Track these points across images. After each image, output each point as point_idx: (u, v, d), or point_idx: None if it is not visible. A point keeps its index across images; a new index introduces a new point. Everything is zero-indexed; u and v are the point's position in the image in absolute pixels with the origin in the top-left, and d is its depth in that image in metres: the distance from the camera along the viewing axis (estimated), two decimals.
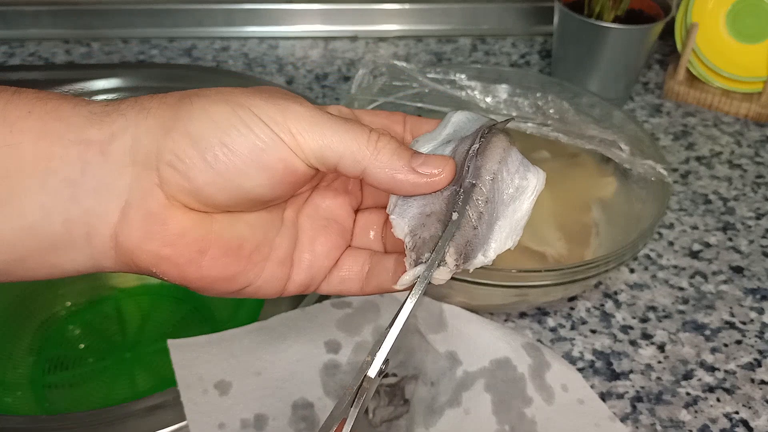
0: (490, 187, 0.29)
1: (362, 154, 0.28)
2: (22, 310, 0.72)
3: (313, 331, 0.54)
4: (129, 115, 0.27)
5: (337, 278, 0.33)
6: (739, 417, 0.52)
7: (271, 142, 0.27)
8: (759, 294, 0.62)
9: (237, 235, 0.30)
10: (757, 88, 0.83)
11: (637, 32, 0.77)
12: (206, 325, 0.72)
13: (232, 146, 0.27)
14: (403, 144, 0.29)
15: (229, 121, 0.27)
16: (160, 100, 0.28)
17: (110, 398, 0.67)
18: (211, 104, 0.27)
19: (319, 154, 0.28)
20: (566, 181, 0.64)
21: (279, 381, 0.51)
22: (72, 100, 0.27)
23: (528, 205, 0.30)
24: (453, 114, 0.33)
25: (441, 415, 0.49)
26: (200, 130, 0.27)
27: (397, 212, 0.30)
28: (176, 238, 0.28)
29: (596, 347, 0.56)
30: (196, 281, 0.29)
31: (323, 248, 0.33)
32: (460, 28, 0.97)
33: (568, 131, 0.63)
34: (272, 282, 0.31)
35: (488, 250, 0.29)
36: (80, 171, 0.26)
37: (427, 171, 0.29)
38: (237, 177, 0.27)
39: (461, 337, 0.53)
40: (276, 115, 0.27)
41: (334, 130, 0.28)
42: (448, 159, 0.29)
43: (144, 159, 0.27)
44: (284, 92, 0.29)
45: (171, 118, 0.27)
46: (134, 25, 0.92)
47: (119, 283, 0.77)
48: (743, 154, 0.78)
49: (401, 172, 0.28)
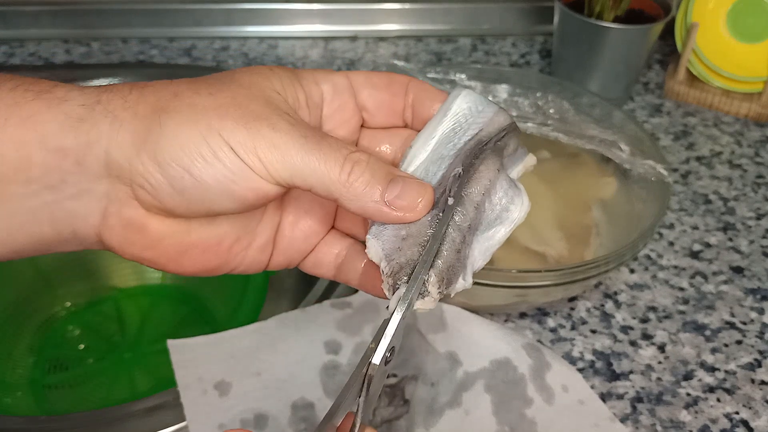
0: (474, 214, 0.28)
1: (334, 186, 0.27)
2: (22, 311, 0.72)
3: (312, 331, 0.54)
4: (102, 127, 0.26)
5: (311, 261, 0.33)
6: (740, 417, 0.52)
7: (239, 171, 0.26)
8: (759, 294, 0.61)
9: (216, 233, 0.30)
10: (757, 88, 0.83)
11: (638, 32, 0.77)
12: (206, 325, 0.72)
13: (199, 177, 0.26)
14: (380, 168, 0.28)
15: (197, 150, 0.26)
16: (133, 110, 0.27)
17: (110, 399, 0.67)
18: (179, 126, 0.26)
19: (289, 182, 0.27)
20: (566, 181, 0.64)
21: (279, 381, 0.51)
22: (47, 98, 0.27)
23: (503, 235, 0.29)
24: (455, 98, 0.31)
25: (441, 416, 0.49)
26: (168, 157, 0.26)
27: (373, 232, 0.28)
28: (155, 243, 0.28)
29: (596, 347, 0.56)
30: (178, 273, 0.30)
31: (302, 233, 0.32)
32: (461, 28, 0.97)
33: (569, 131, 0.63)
34: (253, 265, 0.32)
35: (467, 273, 0.28)
36: (59, 179, 0.27)
37: (401, 204, 0.28)
38: (206, 203, 0.27)
39: (461, 338, 0.53)
40: (246, 141, 0.26)
41: (306, 159, 0.27)
42: (427, 188, 0.28)
43: (118, 173, 0.27)
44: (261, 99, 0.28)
45: (142, 135, 0.26)
46: (134, 25, 0.92)
47: (119, 284, 0.77)
48: (743, 154, 0.78)
49: (374, 205, 0.27)
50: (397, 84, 0.32)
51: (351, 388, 0.26)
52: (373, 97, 0.31)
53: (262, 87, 0.28)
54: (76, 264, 0.76)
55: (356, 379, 0.26)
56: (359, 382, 0.26)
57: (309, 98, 0.30)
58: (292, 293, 0.74)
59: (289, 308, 0.56)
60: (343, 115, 0.31)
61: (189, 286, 0.76)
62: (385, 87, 0.31)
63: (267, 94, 0.28)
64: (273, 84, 0.29)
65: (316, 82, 0.30)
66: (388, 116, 0.32)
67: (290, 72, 0.30)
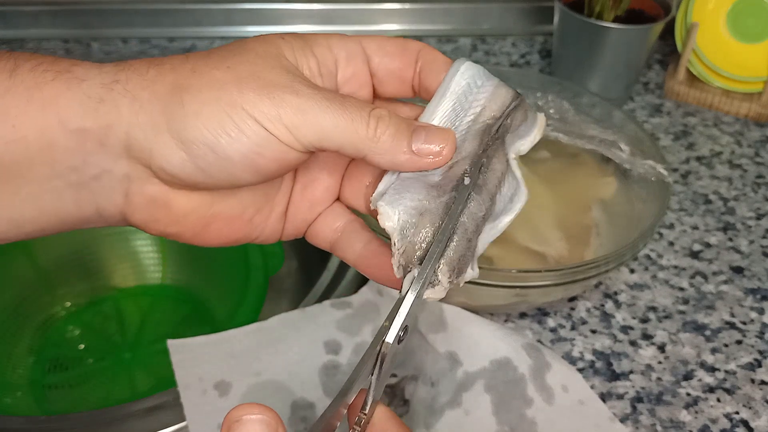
0: (489, 205, 0.29)
1: (362, 142, 0.28)
2: (22, 311, 0.72)
3: (312, 331, 0.54)
4: (122, 109, 0.26)
5: (312, 230, 0.33)
6: (740, 417, 0.52)
7: (266, 143, 0.27)
8: (759, 294, 0.61)
9: (239, 203, 0.30)
10: (757, 88, 0.83)
11: (638, 32, 0.77)
12: (206, 325, 0.72)
13: (224, 153, 0.26)
14: (402, 120, 0.29)
15: (222, 127, 0.26)
16: (151, 89, 0.27)
17: (110, 399, 0.67)
18: (202, 106, 0.26)
19: (317, 144, 0.27)
20: (566, 181, 0.64)
21: (279, 381, 0.51)
22: (66, 78, 0.27)
23: (505, 225, 0.30)
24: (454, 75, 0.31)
25: (441, 416, 0.49)
26: (192, 136, 0.26)
27: (387, 200, 0.28)
28: (180, 219, 0.29)
29: (596, 347, 0.56)
30: (202, 245, 0.31)
31: (308, 201, 0.33)
32: (461, 28, 0.97)
33: (569, 131, 0.63)
34: (272, 235, 0.33)
35: (474, 263, 0.28)
36: (81, 160, 0.27)
37: (427, 151, 0.28)
38: (231, 178, 0.27)
39: (461, 338, 0.52)
40: (270, 110, 0.26)
41: (333, 120, 0.27)
42: (449, 134, 0.29)
43: (139, 155, 0.27)
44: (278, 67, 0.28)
45: (163, 116, 0.26)
46: (134, 25, 0.92)
47: (119, 284, 0.77)
48: (743, 154, 0.78)
49: (402, 155, 0.28)
50: (409, 52, 0.31)
51: (364, 365, 0.26)
52: (384, 65, 0.31)
53: (276, 55, 0.28)
54: (76, 264, 0.76)
55: (370, 357, 0.26)
56: (372, 359, 0.26)
57: (322, 65, 0.30)
58: (292, 293, 0.74)
59: (289, 308, 0.56)
60: (358, 82, 0.31)
61: (189, 286, 0.76)
62: (397, 55, 0.31)
63: (282, 63, 0.28)
64: (285, 53, 0.29)
65: (330, 48, 0.30)
66: (398, 85, 0.32)
67: (302, 39, 0.30)
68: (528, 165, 0.64)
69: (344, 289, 0.59)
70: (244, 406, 0.22)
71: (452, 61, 0.31)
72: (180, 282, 0.77)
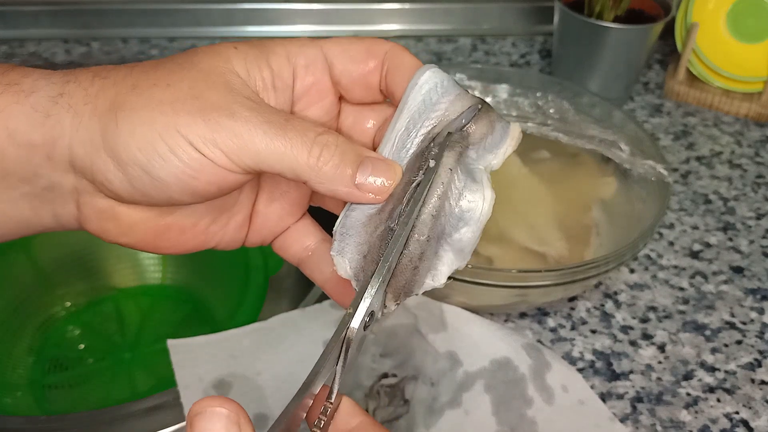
0: (432, 224, 0.27)
1: (303, 170, 0.26)
2: (22, 311, 0.72)
3: (312, 331, 0.54)
4: (65, 123, 0.26)
5: (279, 242, 0.33)
6: (740, 417, 0.52)
7: (200, 167, 0.26)
8: (759, 294, 0.61)
9: (191, 215, 0.30)
10: (757, 87, 0.83)
11: (638, 32, 0.77)
12: (206, 325, 0.72)
13: (157, 175, 0.26)
14: (350, 149, 0.27)
15: (154, 149, 0.25)
16: (92, 105, 0.26)
17: (110, 398, 0.67)
18: (135, 127, 0.26)
19: (256, 168, 0.26)
20: (566, 181, 0.64)
21: (279, 381, 0.51)
22: (15, 92, 0.26)
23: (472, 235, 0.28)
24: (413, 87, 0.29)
25: (441, 416, 0.49)
26: (125, 157, 0.26)
27: (337, 249, 0.28)
28: (130, 229, 0.29)
29: (596, 347, 0.56)
30: (159, 253, 0.31)
31: (275, 214, 0.32)
32: (460, 28, 0.97)
33: (568, 131, 0.63)
34: (232, 243, 0.32)
35: (437, 275, 0.28)
36: (31, 172, 0.27)
37: (372, 187, 0.27)
38: (169, 200, 0.27)
39: (461, 338, 0.53)
40: (205, 134, 0.25)
41: (271, 146, 0.26)
42: (396, 169, 0.28)
43: (82, 170, 0.27)
44: (221, 85, 0.27)
45: (100, 133, 0.26)
46: (134, 25, 0.92)
47: (119, 284, 0.77)
48: (743, 154, 0.78)
49: (343, 188, 0.27)
50: (374, 55, 0.30)
51: (329, 355, 0.25)
52: (348, 72, 0.30)
53: (222, 71, 0.27)
54: (76, 264, 0.76)
55: (335, 345, 0.26)
56: (337, 348, 0.26)
57: (277, 77, 0.29)
58: (292, 293, 0.74)
59: (289, 308, 0.56)
60: (318, 91, 0.30)
61: (189, 286, 0.76)
62: (361, 60, 0.30)
63: (227, 79, 0.27)
64: (234, 66, 0.28)
65: (287, 57, 0.29)
66: (364, 92, 0.30)
67: (257, 48, 0.28)
68: (528, 165, 0.64)
69: None
70: (206, 398, 0.21)
71: (421, 65, 0.30)
72: (180, 282, 0.77)
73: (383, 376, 0.51)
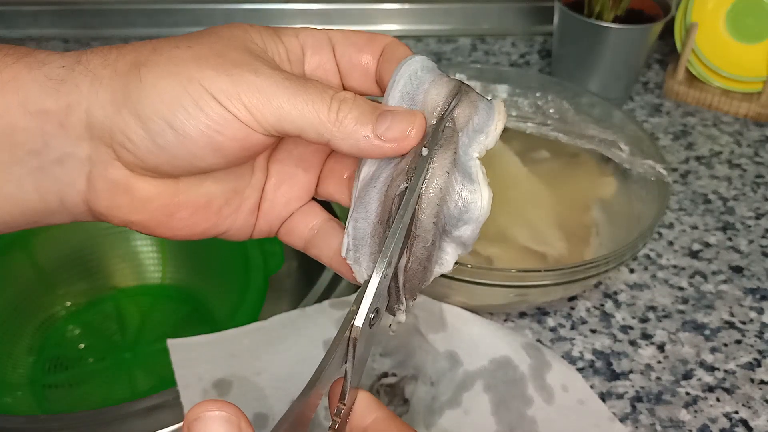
0: (434, 230, 0.28)
1: (324, 126, 0.26)
2: (22, 310, 0.72)
3: (312, 331, 0.54)
4: (82, 87, 0.26)
5: (285, 228, 0.33)
6: (739, 417, 0.52)
7: (224, 121, 0.26)
8: (759, 294, 0.62)
9: (205, 193, 0.29)
10: (756, 87, 0.83)
11: (637, 32, 0.77)
12: (206, 325, 0.72)
13: (181, 130, 0.26)
14: (367, 104, 0.27)
15: (179, 101, 0.25)
16: (112, 67, 0.26)
17: (110, 398, 0.67)
18: (159, 79, 0.26)
19: (278, 127, 0.26)
20: (566, 181, 0.64)
21: (279, 381, 0.51)
22: (27, 62, 0.26)
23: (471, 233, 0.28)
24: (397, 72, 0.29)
25: (441, 416, 0.49)
26: (149, 111, 0.26)
27: (352, 257, 0.28)
28: (143, 206, 0.28)
29: (596, 347, 0.56)
30: (168, 236, 0.30)
31: (283, 197, 0.32)
32: (460, 28, 0.97)
33: (568, 131, 0.63)
34: (242, 230, 0.32)
35: (444, 264, 0.29)
36: (42, 143, 0.26)
37: (393, 136, 0.27)
38: (190, 158, 0.27)
39: (461, 337, 0.53)
40: (228, 88, 0.26)
41: (293, 101, 0.26)
42: (416, 115, 0.27)
43: (99, 134, 0.26)
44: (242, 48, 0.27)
45: (122, 91, 0.26)
46: (134, 25, 0.92)
47: (119, 284, 0.77)
48: (743, 154, 0.78)
49: (366, 141, 0.27)
50: (374, 44, 0.30)
51: (334, 354, 0.25)
52: (348, 55, 0.30)
53: (242, 38, 0.28)
54: (76, 263, 0.76)
55: (339, 344, 0.25)
56: (343, 346, 0.26)
57: (290, 52, 0.29)
58: (292, 293, 0.74)
59: (289, 308, 0.56)
60: (324, 72, 0.31)
61: (189, 286, 0.76)
62: (362, 46, 0.30)
63: (248, 45, 0.28)
64: (252, 37, 0.28)
65: (296, 35, 0.30)
66: (361, 78, 0.31)
67: (270, 28, 0.29)
68: (528, 165, 0.64)
69: (344, 289, 0.59)
70: (204, 403, 0.21)
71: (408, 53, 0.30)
72: (180, 282, 0.77)
73: (383, 375, 0.51)
